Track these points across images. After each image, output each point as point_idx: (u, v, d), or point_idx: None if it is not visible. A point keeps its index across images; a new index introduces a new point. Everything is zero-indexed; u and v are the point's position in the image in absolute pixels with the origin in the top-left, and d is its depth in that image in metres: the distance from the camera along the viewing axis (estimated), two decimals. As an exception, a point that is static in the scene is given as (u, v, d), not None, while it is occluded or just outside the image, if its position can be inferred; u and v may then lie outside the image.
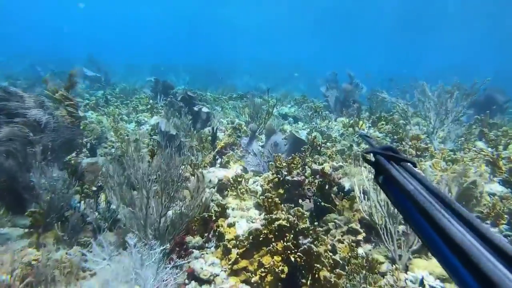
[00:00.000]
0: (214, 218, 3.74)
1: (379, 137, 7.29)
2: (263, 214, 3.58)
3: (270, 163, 4.95)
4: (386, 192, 0.78)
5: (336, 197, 4.53)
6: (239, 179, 4.72)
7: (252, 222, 4.10)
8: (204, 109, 8.02)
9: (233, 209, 4.41)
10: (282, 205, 3.67)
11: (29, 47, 31.05)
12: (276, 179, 4.36)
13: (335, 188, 4.46)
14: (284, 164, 4.52)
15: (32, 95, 4.72)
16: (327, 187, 4.40)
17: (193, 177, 4.80)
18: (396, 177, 0.72)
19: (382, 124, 7.61)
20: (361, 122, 7.54)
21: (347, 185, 4.90)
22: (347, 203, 4.49)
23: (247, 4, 39.89)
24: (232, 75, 26.89)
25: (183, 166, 3.62)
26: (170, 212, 3.39)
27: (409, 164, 0.77)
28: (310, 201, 4.43)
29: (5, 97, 4.24)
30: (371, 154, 0.82)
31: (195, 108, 8.14)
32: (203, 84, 22.95)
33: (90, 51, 20.02)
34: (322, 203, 4.27)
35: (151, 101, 10.00)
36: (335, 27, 47.69)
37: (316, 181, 4.62)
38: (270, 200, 3.39)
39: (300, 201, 4.34)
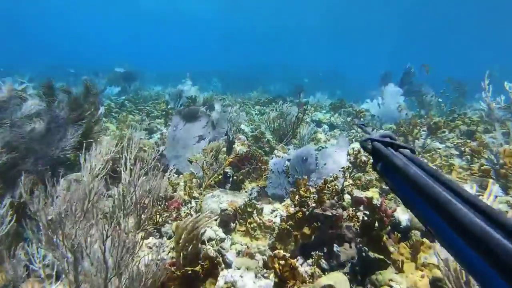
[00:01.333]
0: (202, 275, 2.44)
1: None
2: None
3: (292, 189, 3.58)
4: (384, 179, 0.78)
5: (389, 238, 3.08)
6: (249, 210, 3.39)
7: (264, 277, 2.75)
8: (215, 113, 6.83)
9: (238, 252, 3.09)
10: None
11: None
12: (300, 214, 2.98)
13: (388, 228, 3.01)
14: (313, 190, 3.13)
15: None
16: (376, 226, 2.96)
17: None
18: (396, 162, 0.71)
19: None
20: (415, 130, 5.93)
21: (404, 219, 3.43)
22: (407, 250, 3.03)
23: (279, 10, 38.54)
24: (264, 81, 25.79)
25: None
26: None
27: (407, 150, 0.76)
28: (350, 246, 3.00)
29: None
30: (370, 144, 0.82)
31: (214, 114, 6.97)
32: (235, 90, 22.18)
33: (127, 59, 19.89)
34: (369, 252, 2.84)
35: (169, 106, 8.99)
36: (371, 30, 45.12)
37: (360, 215, 3.19)
38: (282, 261, 2.02)
39: (335, 246, 2.92)
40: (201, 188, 4.12)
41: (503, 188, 4.10)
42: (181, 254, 2.50)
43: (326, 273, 2.66)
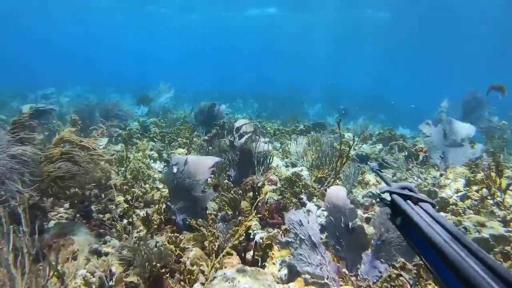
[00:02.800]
0: None
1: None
2: None
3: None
4: (404, 236, 0.75)
5: None
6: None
7: None
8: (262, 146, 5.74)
9: None
10: None
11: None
12: None
13: None
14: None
15: None
16: None
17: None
18: (418, 222, 0.68)
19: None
20: (503, 182, 4.42)
21: None
22: None
23: (317, 32, 37.42)
24: (303, 103, 24.65)
25: None
26: None
27: (428, 204, 0.74)
28: None
29: None
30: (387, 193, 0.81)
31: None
32: (271, 112, 21.17)
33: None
34: None
35: (195, 133, 8.10)
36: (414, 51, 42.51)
37: None
38: None
39: None
40: (210, 263, 2.97)
41: None
42: None
43: None
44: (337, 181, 5.30)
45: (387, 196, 0.82)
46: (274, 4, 31.53)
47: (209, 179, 5.24)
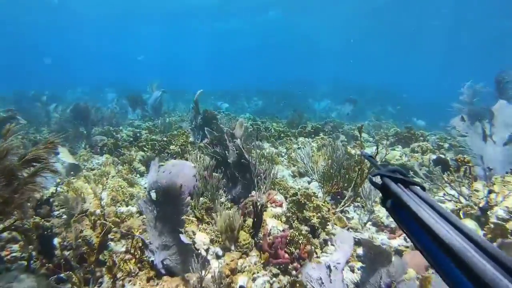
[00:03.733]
0: None
1: None
2: None
3: None
4: (394, 217, 0.75)
5: None
6: None
7: None
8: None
9: None
10: None
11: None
12: None
13: None
14: None
15: None
16: None
17: None
18: (407, 202, 0.70)
19: None
20: None
21: None
22: None
23: (326, 21, 35.74)
24: (309, 98, 23.56)
25: None
26: None
27: (418, 187, 0.75)
28: None
29: None
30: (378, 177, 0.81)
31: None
32: (276, 109, 20.11)
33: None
34: None
35: (190, 139, 7.17)
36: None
37: None
38: None
39: None
40: None
41: None
42: None
43: None
44: (357, 198, 4.34)
45: (378, 180, 0.82)
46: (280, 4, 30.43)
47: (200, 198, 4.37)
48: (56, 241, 3.46)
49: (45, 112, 10.33)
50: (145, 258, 3.18)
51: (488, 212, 3.54)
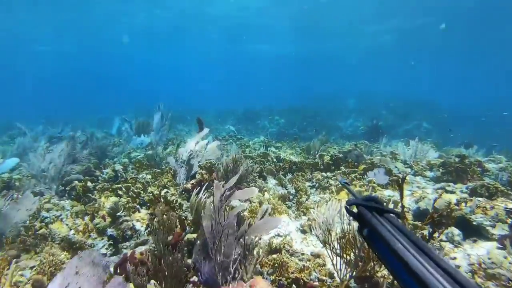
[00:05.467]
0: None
1: None
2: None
3: None
4: (371, 247, 0.75)
5: None
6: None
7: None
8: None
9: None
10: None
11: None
12: None
13: None
14: None
15: None
16: None
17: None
18: (382, 232, 0.70)
19: None
20: None
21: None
22: None
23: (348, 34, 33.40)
24: (335, 115, 21.66)
25: None
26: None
27: (392, 215, 0.75)
28: None
29: None
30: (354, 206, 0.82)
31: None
32: (300, 128, 18.44)
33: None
34: None
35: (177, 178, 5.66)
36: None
37: None
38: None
39: None
40: None
41: None
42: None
43: None
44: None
45: (354, 209, 0.82)
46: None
47: None
48: None
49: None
50: None
51: None
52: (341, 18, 25.51)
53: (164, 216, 3.48)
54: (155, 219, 3.43)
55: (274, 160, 7.48)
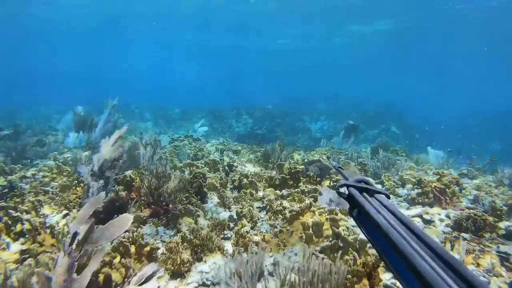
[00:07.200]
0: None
1: None
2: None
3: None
4: (359, 226, 0.75)
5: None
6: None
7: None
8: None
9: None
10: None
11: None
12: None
13: None
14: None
15: None
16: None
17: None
18: (370, 212, 0.69)
19: None
20: None
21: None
22: None
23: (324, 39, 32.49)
24: (305, 117, 20.73)
25: None
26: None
27: (382, 195, 0.75)
28: None
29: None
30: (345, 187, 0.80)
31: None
32: (268, 129, 17.36)
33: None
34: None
35: (91, 190, 4.27)
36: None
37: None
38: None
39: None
40: None
41: None
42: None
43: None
44: None
45: (345, 190, 0.81)
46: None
47: None
48: None
49: None
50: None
51: None
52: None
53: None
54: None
55: (226, 168, 6.24)
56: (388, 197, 0.75)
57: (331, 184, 4.85)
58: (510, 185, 5.76)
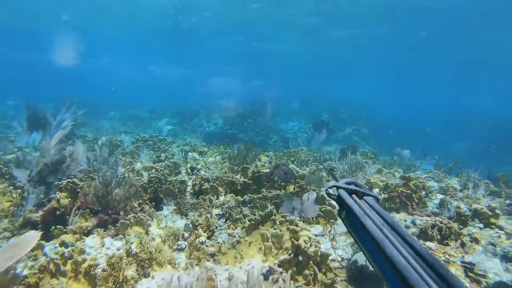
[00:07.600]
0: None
1: None
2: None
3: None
4: (348, 227, 0.75)
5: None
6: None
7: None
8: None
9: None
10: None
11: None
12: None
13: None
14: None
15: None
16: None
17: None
18: (357, 213, 0.70)
19: None
20: None
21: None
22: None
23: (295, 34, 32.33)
24: (277, 117, 20.60)
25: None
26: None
27: (371, 198, 0.76)
28: None
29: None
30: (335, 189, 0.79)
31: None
32: (240, 130, 17.01)
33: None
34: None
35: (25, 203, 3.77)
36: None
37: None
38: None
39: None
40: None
41: None
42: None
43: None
44: None
45: (334, 192, 0.80)
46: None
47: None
48: None
49: None
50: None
51: None
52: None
53: None
54: None
55: (189, 171, 5.87)
56: (378, 199, 0.76)
57: (295, 189, 4.62)
58: (474, 188, 5.82)
